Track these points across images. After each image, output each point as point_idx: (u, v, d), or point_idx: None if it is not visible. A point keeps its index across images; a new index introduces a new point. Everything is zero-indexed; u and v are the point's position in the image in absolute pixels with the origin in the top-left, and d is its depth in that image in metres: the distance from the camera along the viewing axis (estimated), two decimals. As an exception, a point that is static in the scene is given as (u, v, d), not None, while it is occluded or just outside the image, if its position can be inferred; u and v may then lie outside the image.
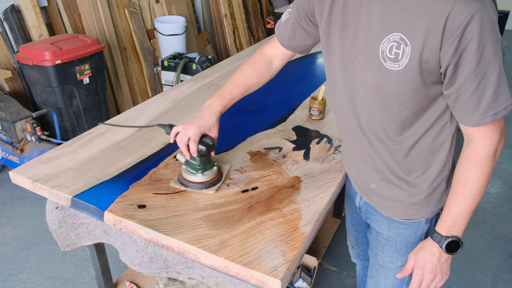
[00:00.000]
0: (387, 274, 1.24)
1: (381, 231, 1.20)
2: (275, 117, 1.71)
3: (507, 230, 2.54)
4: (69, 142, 1.49)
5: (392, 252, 1.20)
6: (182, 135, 1.16)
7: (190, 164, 1.23)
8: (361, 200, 1.26)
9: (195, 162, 1.22)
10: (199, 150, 1.18)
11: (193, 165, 1.23)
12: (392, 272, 1.23)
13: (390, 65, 0.89)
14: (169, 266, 1.18)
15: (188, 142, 1.16)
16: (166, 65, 3.52)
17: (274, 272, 0.94)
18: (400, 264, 1.20)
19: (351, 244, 1.56)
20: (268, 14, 5.66)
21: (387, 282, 1.25)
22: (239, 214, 1.14)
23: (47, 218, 1.36)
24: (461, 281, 2.18)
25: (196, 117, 1.19)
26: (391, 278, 1.24)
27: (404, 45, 0.86)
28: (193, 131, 1.15)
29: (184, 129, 1.16)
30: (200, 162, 1.22)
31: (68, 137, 3.01)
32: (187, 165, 1.24)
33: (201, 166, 1.22)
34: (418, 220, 1.12)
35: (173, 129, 1.21)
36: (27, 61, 2.72)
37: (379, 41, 0.90)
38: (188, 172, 1.24)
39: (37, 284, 2.10)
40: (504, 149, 3.45)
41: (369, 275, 1.33)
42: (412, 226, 1.13)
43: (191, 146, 1.16)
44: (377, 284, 1.29)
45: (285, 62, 1.29)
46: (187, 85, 2.02)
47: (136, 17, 3.79)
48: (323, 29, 1.05)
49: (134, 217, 1.12)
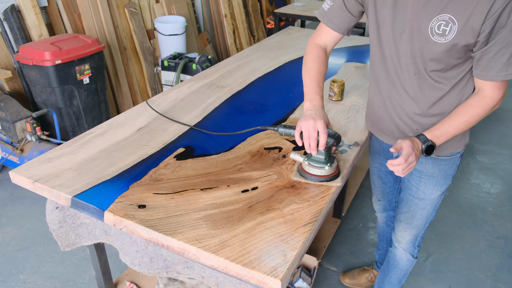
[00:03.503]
0: (426, 204, 1.51)
1: (424, 170, 1.44)
2: (275, 117, 1.71)
3: (507, 230, 2.54)
4: (69, 142, 1.49)
5: (434, 185, 1.46)
6: (312, 130, 1.18)
7: (315, 159, 1.26)
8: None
9: (321, 156, 1.25)
10: (329, 143, 1.20)
11: (319, 159, 1.26)
12: (431, 202, 1.50)
13: (437, 38, 1.13)
14: (169, 266, 1.18)
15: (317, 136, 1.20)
16: (166, 65, 3.52)
17: (274, 272, 0.94)
18: (439, 193, 1.48)
19: (377, 197, 1.82)
20: (268, 14, 5.66)
21: (424, 212, 1.53)
22: (239, 214, 1.14)
23: (47, 218, 1.36)
24: (461, 281, 2.18)
25: (313, 114, 1.21)
26: (428, 208, 1.52)
27: (452, 23, 1.10)
28: (321, 124, 1.18)
29: (310, 125, 1.18)
30: (326, 155, 1.25)
31: (68, 137, 3.01)
32: (312, 160, 1.27)
33: (327, 159, 1.26)
34: (455, 155, 1.40)
35: (296, 131, 1.22)
36: (27, 61, 2.72)
37: (429, 20, 1.13)
38: (314, 167, 1.26)
39: (37, 284, 2.10)
40: (504, 149, 3.46)
41: (404, 211, 1.58)
42: (451, 161, 1.42)
43: (323, 139, 1.18)
44: (413, 216, 1.55)
45: (334, 46, 1.44)
46: (187, 85, 2.02)
47: (136, 17, 3.79)
48: (372, 6, 1.25)
49: (134, 217, 1.12)
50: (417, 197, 1.51)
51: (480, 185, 2.98)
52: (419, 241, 1.65)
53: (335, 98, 1.87)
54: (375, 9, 1.25)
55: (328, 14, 1.35)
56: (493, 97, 1.18)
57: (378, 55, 1.32)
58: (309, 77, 1.33)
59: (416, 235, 1.62)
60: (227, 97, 1.89)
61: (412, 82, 1.27)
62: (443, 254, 2.35)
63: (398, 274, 1.77)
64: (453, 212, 2.70)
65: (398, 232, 1.65)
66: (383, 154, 1.61)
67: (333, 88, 1.86)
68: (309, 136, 1.18)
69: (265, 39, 2.85)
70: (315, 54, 1.37)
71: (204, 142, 1.51)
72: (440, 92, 1.26)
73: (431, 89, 1.26)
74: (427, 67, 1.22)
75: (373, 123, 1.51)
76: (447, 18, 1.10)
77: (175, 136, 1.55)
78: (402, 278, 1.78)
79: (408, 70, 1.25)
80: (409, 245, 1.65)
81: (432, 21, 1.12)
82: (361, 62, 2.37)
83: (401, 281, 1.80)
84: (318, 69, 1.34)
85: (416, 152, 1.20)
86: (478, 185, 2.98)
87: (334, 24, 1.36)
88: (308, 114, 1.22)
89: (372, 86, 1.43)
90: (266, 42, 2.78)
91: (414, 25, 1.17)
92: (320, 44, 1.40)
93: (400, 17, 1.19)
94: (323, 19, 1.37)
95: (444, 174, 1.44)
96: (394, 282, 1.80)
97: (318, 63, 1.35)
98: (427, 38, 1.16)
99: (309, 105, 1.27)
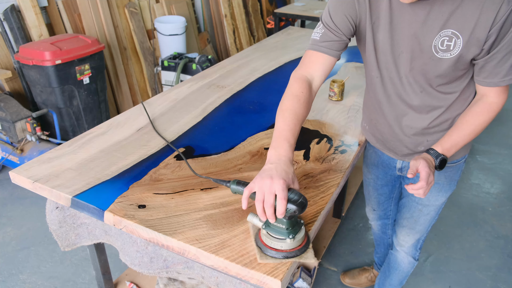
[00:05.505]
0: (430, 210, 1.51)
1: None
2: (275, 117, 1.71)
3: (507, 230, 2.54)
4: (69, 142, 1.49)
5: (439, 191, 1.46)
6: (268, 194, 0.92)
7: (274, 228, 0.98)
8: (403, 163, 1.48)
9: (282, 226, 0.97)
10: (289, 210, 0.93)
11: (278, 228, 0.97)
12: (436, 208, 1.51)
13: (442, 55, 1.12)
14: (169, 266, 1.18)
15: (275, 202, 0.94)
16: (166, 65, 3.52)
17: (274, 272, 0.94)
18: (444, 199, 1.49)
19: (372, 207, 1.82)
20: (268, 14, 5.66)
21: (427, 217, 1.53)
22: (239, 214, 1.14)
23: (47, 218, 1.36)
24: (461, 281, 2.18)
25: (272, 171, 0.95)
26: (431, 213, 1.52)
27: (456, 38, 1.09)
28: (279, 186, 0.92)
29: (266, 186, 0.92)
30: (289, 224, 0.96)
31: (68, 137, 3.01)
32: (270, 229, 0.99)
33: (290, 229, 0.97)
34: (460, 161, 1.41)
35: (246, 189, 0.97)
36: (27, 61, 2.72)
37: (431, 38, 1.11)
38: (273, 238, 0.98)
39: (37, 284, 2.10)
40: (504, 149, 3.46)
41: (407, 217, 1.58)
42: (456, 167, 1.42)
43: (281, 206, 0.92)
44: (416, 221, 1.55)
45: (325, 79, 1.24)
46: (187, 85, 2.02)
47: (136, 17, 3.79)
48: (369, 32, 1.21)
49: (134, 217, 1.12)
50: (421, 203, 1.51)
51: (480, 185, 2.98)
52: (421, 244, 1.66)
53: (335, 98, 1.87)
54: (372, 34, 1.21)
55: (321, 41, 1.20)
56: (498, 102, 1.19)
57: (378, 80, 1.30)
58: (282, 119, 1.10)
59: (419, 238, 1.62)
60: (227, 97, 1.89)
61: (418, 99, 1.26)
62: (443, 254, 2.35)
63: (399, 276, 1.77)
64: (453, 212, 2.70)
65: (401, 236, 1.64)
66: (382, 167, 1.59)
67: (333, 88, 1.86)
68: (266, 201, 0.92)
69: (265, 39, 2.85)
70: (296, 91, 1.16)
71: (204, 142, 1.51)
72: (448, 101, 1.26)
73: (440, 101, 1.26)
74: (433, 83, 1.21)
75: (378, 140, 1.49)
76: (449, 33, 1.09)
77: (175, 136, 1.55)
78: (403, 280, 1.79)
79: (413, 89, 1.24)
80: (411, 248, 1.66)
81: (435, 38, 1.11)
82: (361, 62, 2.37)
83: (402, 282, 1.80)
84: (295, 111, 1.11)
85: (432, 170, 1.15)
86: (478, 185, 2.98)
87: (329, 48, 1.20)
88: (267, 169, 0.96)
89: (373, 108, 1.40)
90: (266, 42, 2.78)
91: (415, 45, 1.15)
92: (306, 76, 1.20)
93: (397, 38, 1.17)
94: (316, 47, 1.21)
95: (450, 180, 1.44)
96: (395, 284, 1.81)
97: (297, 103, 1.13)
98: (431, 56, 1.14)
99: (272, 155, 1.01)
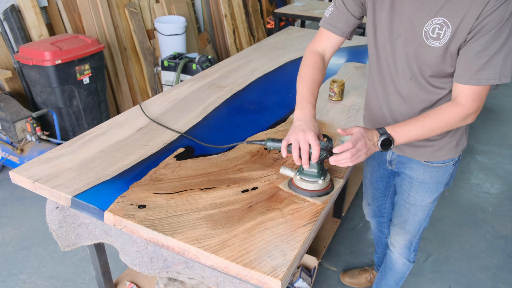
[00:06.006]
0: (417, 210, 1.50)
1: (415, 176, 1.42)
2: (275, 117, 1.71)
3: (507, 230, 2.54)
4: (69, 142, 1.49)
5: (425, 192, 1.44)
6: (303, 143, 1.12)
7: (307, 173, 1.19)
8: (393, 154, 1.47)
9: (314, 170, 1.18)
10: (321, 155, 1.14)
11: (311, 173, 1.19)
12: (422, 208, 1.49)
13: (432, 42, 1.12)
14: (169, 266, 1.18)
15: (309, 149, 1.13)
16: (166, 65, 3.52)
17: (274, 272, 0.94)
18: (430, 200, 1.46)
19: (367, 202, 1.80)
20: (268, 14, 5.66)
21: (416, 218, 1.52)
22: (239, 214, 1.14)
23: (47, 218, 1.36)
24: (461, 281, 2.18)
25: (303, 126, 1.15)
26: (420, 214, 1.50)
27: (446, 27, 1.08)
28: (311, 136, 1.12)
29: (300, 137, 1.12)
30: (319, 168, 1.18)
31: (68, 137, 3.01)
32: (304, 175, 1.20)
33: (321, 172, 1.19)
34: (448, 163, 1.37)
35: (284, 141, 1.16)
36: (27, 61, 2.72)
37: (423, 23, 1.11)
38: (307, 181, 1.19)
39: (37, 284, 2.10)
40: (504, 149, 3.46)
41: (397, 215, 1.58)
42: (443, 169, 1.38)
43: (316, 152, 1.12)
44: (406, 221, 1.55)
45: (334, 52, 1.40)
46: (187, 85, 2.02)
47: (136, 17, 3.79)
48: (370, 9, 1.24)
49: (134, 217, 1.12)
50: (409, 202, 1.50)
51: (480, 185, 2.98)
52: (414, 246, 1.65)
53: (335, 98, 1.87)
54: (374, 12, 1.23)
55: (330, 19, 1.33)
56: (465, 107, 1.12)
57: (374, 58, 1.31)
58: (302, 84, 1.28)
59: (411, 240, 1.60)
60: (227, 97, 1.89)
61: (407, 87, 1.25)
62: (443, 254, 2.35)
63: (394, 277, 1.77)
64: (453, 212, 2.70)
65: (392, 235, 1.64)
66: (376, 159, 1.59)
67: (333, 88, 1.86)
68: (303, 149, 1.12)
69: (265, 39, 2.85)
70: (311, 61, 1.33)
71: (204, 142, 1.51)
72: (435, 96, 1.24)
73: (428, 94, 1.24)
74: (423, 72, 1.19)
75: (373, 127, 1.48)
76: (441, 21, 1.08)
77: (175, 136, 1.55)
78: (399, 281, 1.78)
79: (404, 74, 1.23)
80: (404, 250, 1.65)
81: (426, 24, 1.11)
82: (361, 62, 2.37)
83: (398, 283, 1.79)
84: (312, 76, 1.29)
85: (366, 141, 1.13)
86: (478, 185, 2.98)
87: (335, 27, 1.33)
88: (298, 125, 1.16)
89: (370, 89, 1.41)
90: (266, 42, 2.78)
91: (409, 28, 1.15)
92: (318, 50, 1.37)
93: (397, 20, 1.17)
94: (324, 24, 1.35)
95: (436, 181, 1.41)
96: (391, 285, 1.80)
97: (313, 70, 1.31)
98: (421, 42, 1.14)
99: (299, 114, 1.20)
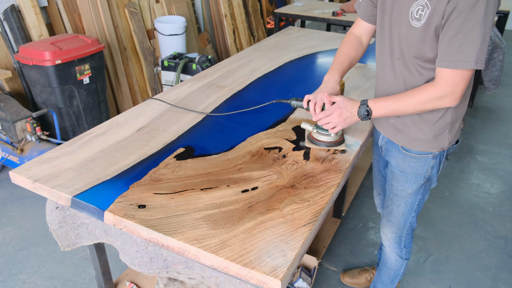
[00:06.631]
0: (400, 202, 1.54)
1: (396, 164, 1.49)
2: (275, 117, 1.71)
3: (507, 230, 2.54)
4: (69, 142, 1.49)
5: (404, 182, 1.48)
6: (319, 100, 1.38)
7: (322, 128, 1.45)
8: (382, 140, 1.54)
9: None
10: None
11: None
12: (403, 199, 1.52)
13: (415, 23, 1.21)
14: (169, 266, 1.18)
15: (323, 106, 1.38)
16: (166, 65, 3.52)
17: (274, 272, 0.95)
18: (410, 191, 1.49)
19: (377, 191, 1.83)
20: (268, 14, 5.66)
21: (399, 209, 1.55)
22: (239, 214, 1.14)
23: (47, 218, 1.36)
24: (461, 281, 2.18)
25: (324, 87, 1.43)
26: (402, 205, 1.54)
27: (426, 8, 1.16)
28: (323, 96, 1.37)
29: (319, 96, 1.38)
30: None
31: (68, 137, 3.01)
32: (320, 129, 1.47)
33: None
34: (426, 155, 1.41)
35: (306, 97, 1.43)
36: (27, 61, 2.72)
37: (409, 4, 1.21)
38: (322, 134, 1.46)
39: (37, 284, 2.10)
40: (504, 149, 3.46)
41: (384, 206, 1.63)
42: (422, 160, 1.42)
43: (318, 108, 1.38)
44: (391, 213, 1.59)
45: (370, 37, 1.56)
46: (187, 85, 2.02)
47: (136, 17, 3.79)
48: None
49: (134, 217, 1.12)
50: (392, 192, 1.55)
51: (480, 185, 2.98)
52: (405, 243, 1.65)
53: None
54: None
55: (360, 5, 1.49)
56: (438, 87, 1.19)
57: (379, 39, 1.40)
58: (336, 58, 1.52)
59: (399, 234, 1.62)
60: (227, 97, 1.89)
61: (395, 66, 1.34)
62: (443, 254, 2.35)
63: (388, 274, 1.77)
64: (453, 212, 2.70)
65: (381, 228, 1.69)
66: (376, 146, 1.64)
67: None
68: (317, 105, 1.38)
69: (265, 39, 2.85)
70: (345, 40, 1.55)
71: (204, 142, 1.51)
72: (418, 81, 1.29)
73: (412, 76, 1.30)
74: (409, 52, 1.27)
75: None
76: (423, 3, 1.17)
77: (175, 136, 1.55)
78: (394, 279, 1.78)
79: (394, 54, 1.33)
80: (394, 245, 1.66)
81: (413, 5, 1.20)
82: (361, 62, 2.37)
83: (393, 281, 1.79)
84: (345, 52, 1.51)
85: (342, 111, 1.33)
86: (478, 185, 2.98)
87: (365, 16, 1.49)
88: (321, 87, 1.44)
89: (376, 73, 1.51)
90: (266, 42, 2.78)
91: (402, 10, 1.25)
92: (355, 33, 1.55)
93: (398, 2, 1.27)
94: (358, 11, 1.52)
95: (415, 172, 1.45)
96: (386, 282, 1.81)
97: (347, 47, 1.52)
98: (408, 23, 1.23)
99: (326, 77, 1.48)
